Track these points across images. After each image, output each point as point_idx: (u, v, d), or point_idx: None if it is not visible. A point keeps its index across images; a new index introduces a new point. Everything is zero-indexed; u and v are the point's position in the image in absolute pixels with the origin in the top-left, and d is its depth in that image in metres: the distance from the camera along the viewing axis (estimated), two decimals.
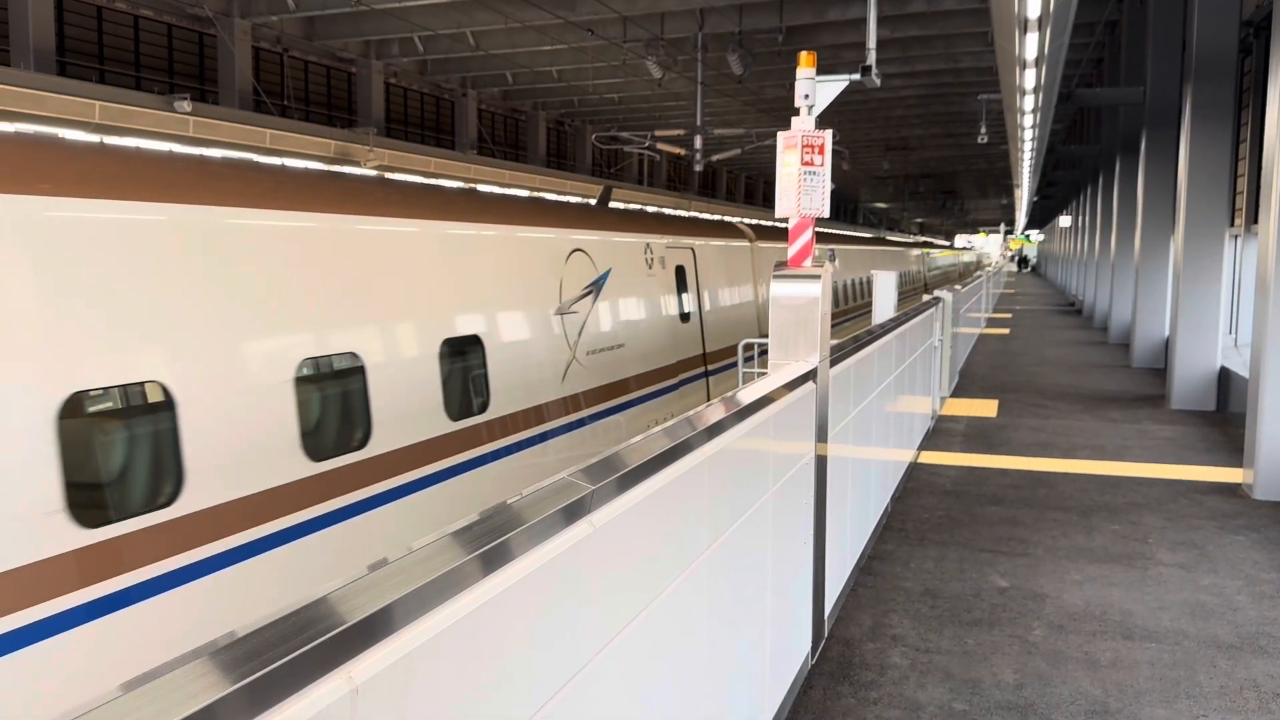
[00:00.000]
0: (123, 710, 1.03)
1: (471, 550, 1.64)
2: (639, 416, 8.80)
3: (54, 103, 13.31)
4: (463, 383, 6.16)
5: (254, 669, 1.14)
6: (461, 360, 6.18)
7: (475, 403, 6.29)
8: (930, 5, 18.38)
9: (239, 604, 4.28)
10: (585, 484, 2.08)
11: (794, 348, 4.28)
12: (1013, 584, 5.59)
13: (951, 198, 72.93)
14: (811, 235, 5.21)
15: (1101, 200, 23.84)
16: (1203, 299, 11.19)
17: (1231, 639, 4.81)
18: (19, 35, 15.58)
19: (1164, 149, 14.57)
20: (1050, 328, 23.89)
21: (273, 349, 4.66)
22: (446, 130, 28.02)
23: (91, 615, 3.63)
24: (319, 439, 4.95)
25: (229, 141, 16.57)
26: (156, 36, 19.28)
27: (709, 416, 2.93)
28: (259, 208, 4.76)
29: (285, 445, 4.64)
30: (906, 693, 4.22)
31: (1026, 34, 9.12)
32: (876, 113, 31.81)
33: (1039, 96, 13.21)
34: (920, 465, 8.64)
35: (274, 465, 4.56)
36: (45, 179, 3.77)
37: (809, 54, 5.38)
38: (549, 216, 7.69)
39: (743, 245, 12.97)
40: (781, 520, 3.73)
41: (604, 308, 8.29)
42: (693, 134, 20.37)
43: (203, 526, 4.12)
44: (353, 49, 22.83)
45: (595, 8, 18.01)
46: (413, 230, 5.85)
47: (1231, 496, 7.54)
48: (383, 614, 1.38)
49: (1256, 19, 11.53)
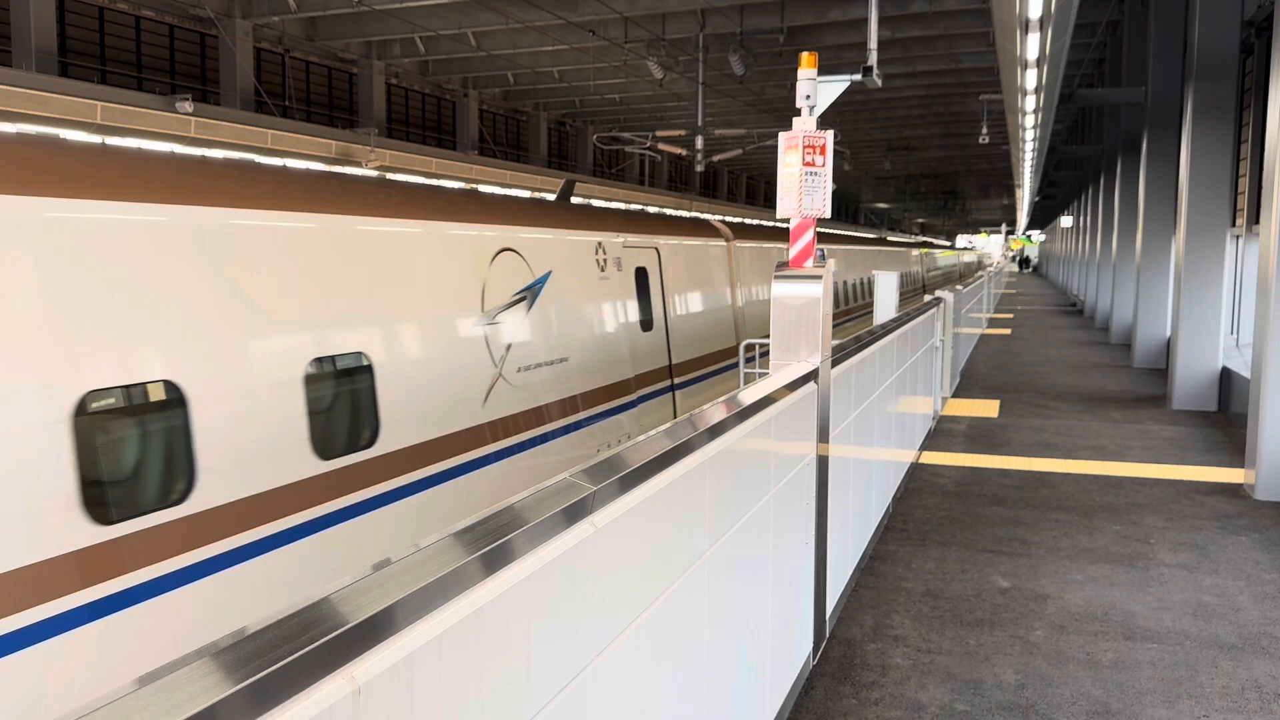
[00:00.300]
0: (125, 710, 1.04)
1: (473, 550, 1.64)
2: (588, 440, 7.65)
3: (56, 103, 13.34)
4: (340, 411, 5.03)
5: (256, 669, 1.15)
6: (339, 384, 5.03)
7: (356, 436, 5.11)
8: (931, 5, 18.38)
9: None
10: (587, 484, 2.08)
11: (795, 348, 4.28)
12: (1014, 584, 5.59)
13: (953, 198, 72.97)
14: (813, 236, 5.22)
15: (1103, 200, 23.83)
16: (1204, 299, 11.18)
17: (1233, 639, 4.81)
18: (21, 36, 15.60)
19: (1165, 149, 14.57)
20: (1052, 328, 23.88)
21: (39, 375, 3.55)
22: (448, 131, 28.03)
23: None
24: (110, 495, 3.77)
25: (230, 142, 16.58)
26: (158, 37, 19.30)
27: (710, 417, 2.93)
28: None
29: (62, 506, 3.59)
30: (908, 693, 4.22)
31: (1028, 34, 9.13)
32: (878, 113, 31.82)
33: (1040, 97, 13.22)
34: (922, 465, 8.64)
35: (49, 533, 3.57)
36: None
37: (810, 54, 5.38)
38: (470, 211, 6.54)
39: (718, 245, 11.90)
40: (783, 521, 3.73)
41: (542, 316, 7.10)
42: (694, 134, 20.38)
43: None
44: (354, 49, 22.85)
45: (597, 8, 18.02)
46: (274, 225, 4.76)
47: (1233, 497, 7.54)
48: (385, 614, 1.38)
49: (1258, 19, 11.53)
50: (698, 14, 19.58)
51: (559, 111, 32.46)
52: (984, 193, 70.20)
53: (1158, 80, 14.68)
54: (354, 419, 5.12)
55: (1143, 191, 15.05)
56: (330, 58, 23.34)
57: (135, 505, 3.85)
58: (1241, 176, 12.45)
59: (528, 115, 31.70)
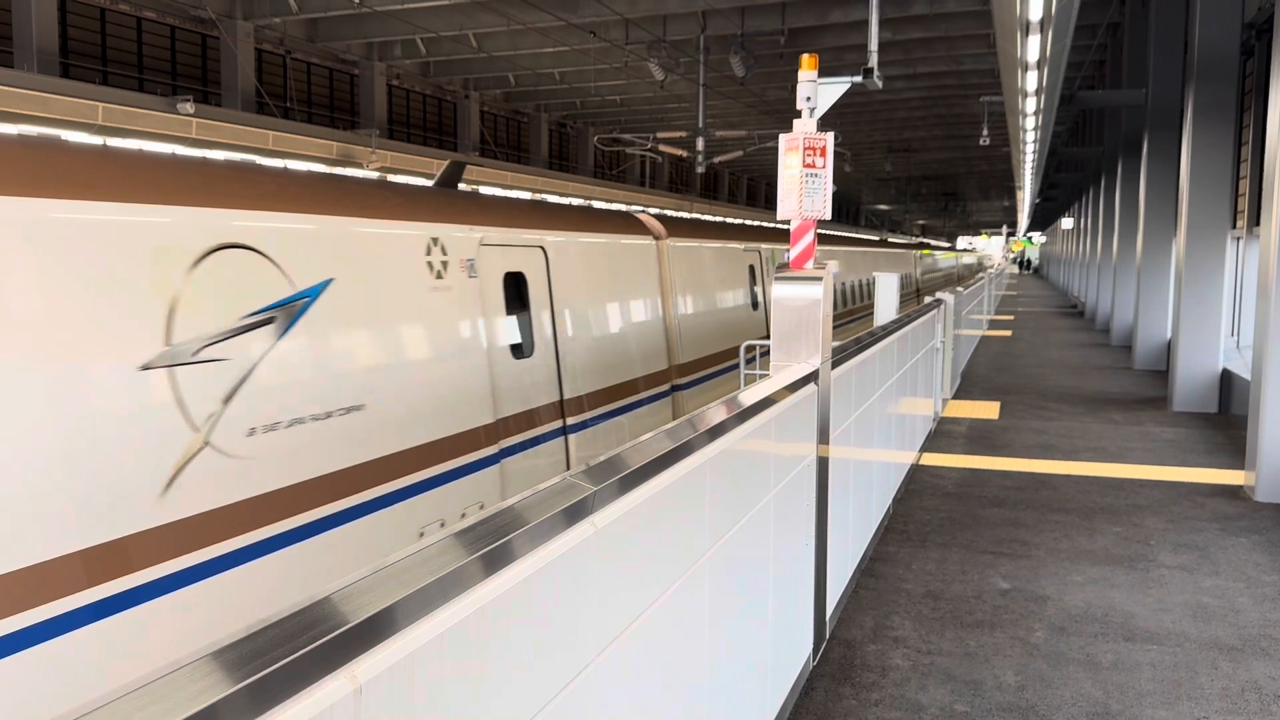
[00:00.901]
0: (126, 709, 1.04)
1: (474, 550, 1.65)
2: (404, 519, 5.40)
3: (57, 104, 13.36)
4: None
5: (257, 668, 1.15)
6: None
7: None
8: (932, 7, 18.39)
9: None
10: (588, 485, 2.09)
11: (795, 349, 4.29)
12: (1014, 586, 5.59)
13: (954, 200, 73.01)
14: (814, 238, 5.22)
15: (1103, 202, 23.84)
16: (1204, 301, 11.19)
17: (1233, 641, 4.81)
18: (23, 37, 15.63)
19: (1166, 151, 14.58)
20: (1052, 329, 23.88)
21: None
22: (449, 132, 28.06)
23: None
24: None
25: (231, 143, 16.61)
26: (159, 38, 19.33)
27: (711, 418, 2.94)
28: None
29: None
30: (908, 694, 4.22)
31: (1029, 36, 9.13)
32: (879, 115, 31.84)
33: (1041, 98, 13.22)
34: (922, 467, 8.64)
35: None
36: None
37: (811, 56, 5.39)
38: (155, 184, 4.22)
39: (643, 243, 9.46)
40: (783, 522, 3.73)
41: (309, 345, 4.84)
42: (695, 136, 20.39)
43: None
44: (355, 51, 22.87)
45: (597, 10, 18.03)
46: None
47: (1233, 498, 7.54)
48: (386, 614, 1.38)
49: (1258, 21, 11.53)
50: (699, 16, 19.60)
51: (560, 113, 32.49)
52: (985, 194, 70.23)
53: (1158, 82, 14.69)
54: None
55: (1143, 193, 15.05)
56: (331, 59, 23.37)
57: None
58: (1242, 178, 12.46)
59: (529, 117, 31.72)
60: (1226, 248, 11.09)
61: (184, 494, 4.03)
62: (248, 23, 19.26)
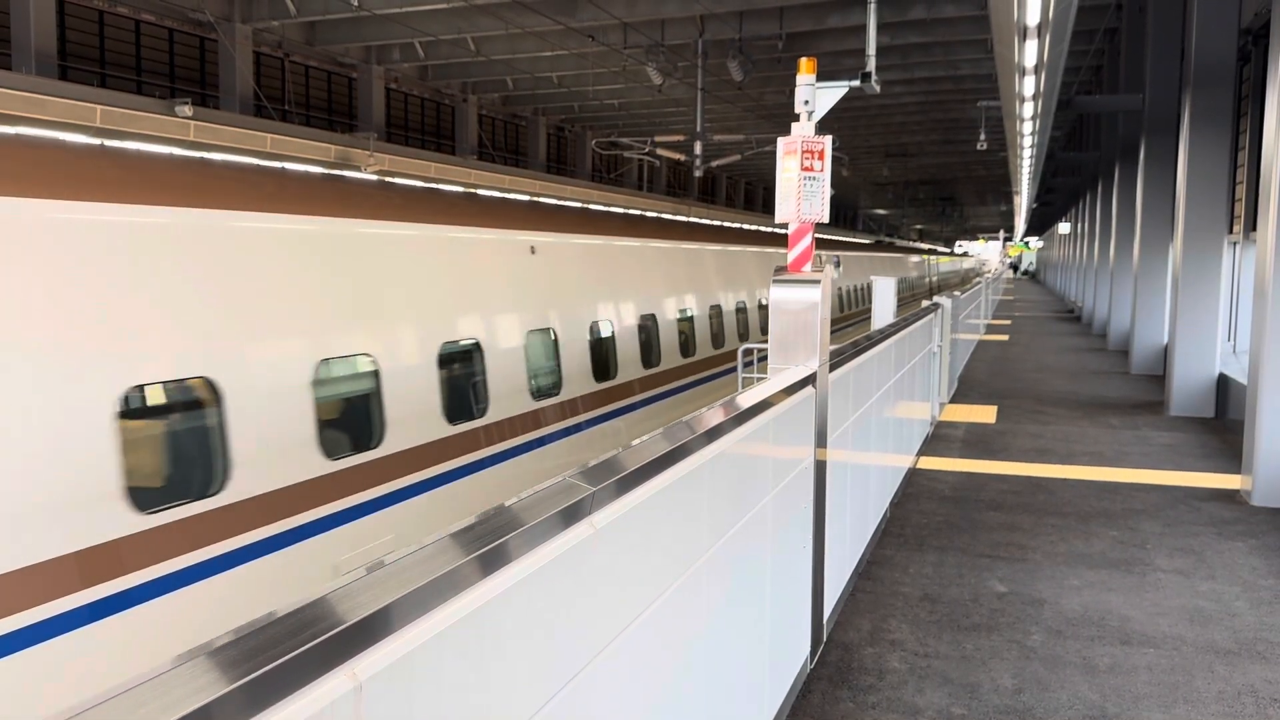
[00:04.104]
0: (127, 707, 1.04)
1: (473, 550, 1.65)
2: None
3: (55, 106, 13.34)
4: None
5: (258, 666, 1.15)
6: None
7: None
8: (930, 12, 18.43)
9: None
10: (586, 486, 2.09)
11: (793, 352, 4.29)
12: (1011, 589, 5.60)
13: (951, 204, 73.01)
14: (811, 240, 5.23)
15: (1101, 207, 23.88)
16: (1201, 306, 11.21)
17: (1229, 645, 4.82)
18: (20, 39, 15.61)
19: (1163, 156, 14.60)
20: (1049, 334, 23.91)
21: None
22: (447, 135, 28.06)
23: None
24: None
25: (230, 146, 16.60)
26: (158, 41, 19.32)
27: (709, 420, 2.94)
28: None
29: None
30: (905, 697, 4.22)
31: (1026, 41, 9.15)
32: (876, 119, 31.86)
33: (1038, 103, 13.25)
34: (919, 471, 8.65)
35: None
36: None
37: (809, 60, 5.40)
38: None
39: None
40: (781, 524, 3.74)
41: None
42: (693, 140, 20.39)
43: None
44: (353, 54, 22.86)
45: (596, 14, 18.05)
46: None
47: (1230, 503, 7.55)
48: (386, 612, 1.39)
49: (1255, 27, 11.57)
50: (697, 20, 19.62)
51: (558, 116, 32.49)
52: (982, 199, 70.29)
53: (1155, 87, 14.73)
54: None
55: (1140, 198, 15.08)
56: (330, 62, 23.37)
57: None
58: (1239, 184, 12.49)
59: (527, 120, 31.72)
60: (1223, 253, 11.11)
61: None
62: (246, 26, 19.25)
